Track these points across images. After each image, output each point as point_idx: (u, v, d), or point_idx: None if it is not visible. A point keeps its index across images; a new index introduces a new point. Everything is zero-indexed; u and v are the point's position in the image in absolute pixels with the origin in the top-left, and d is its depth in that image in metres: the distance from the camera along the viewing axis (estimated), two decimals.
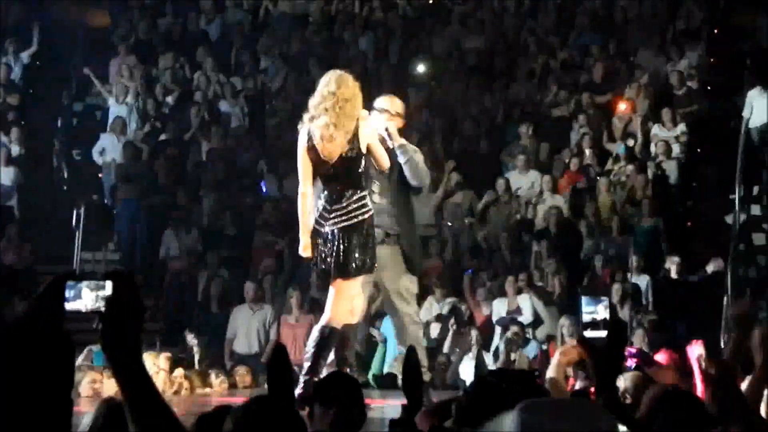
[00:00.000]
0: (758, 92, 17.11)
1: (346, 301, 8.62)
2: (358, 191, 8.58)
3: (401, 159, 9.06)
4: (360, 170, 8.57)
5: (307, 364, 8.61)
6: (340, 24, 20.99)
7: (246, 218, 17.26)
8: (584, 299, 3.95)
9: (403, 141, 9.14)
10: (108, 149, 18.20)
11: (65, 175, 18.97)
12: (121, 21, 21.16)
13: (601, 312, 3.91)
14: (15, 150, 17.74)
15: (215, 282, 15.84)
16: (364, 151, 8.54)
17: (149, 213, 17.30)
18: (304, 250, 8.69)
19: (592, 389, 4.49)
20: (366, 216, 8.58)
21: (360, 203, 8.57)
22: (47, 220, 18.19)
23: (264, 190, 17.85)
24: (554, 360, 5.00)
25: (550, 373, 4.94)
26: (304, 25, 20.96)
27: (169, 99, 19.64)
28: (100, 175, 18.57)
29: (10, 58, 19.12)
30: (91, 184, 18.70)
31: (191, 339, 13.65)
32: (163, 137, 18.86)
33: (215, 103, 19.51)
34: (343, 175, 8.56)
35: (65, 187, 18.90)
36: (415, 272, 9.21)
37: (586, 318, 3.92)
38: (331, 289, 8.66)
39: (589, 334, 3.89)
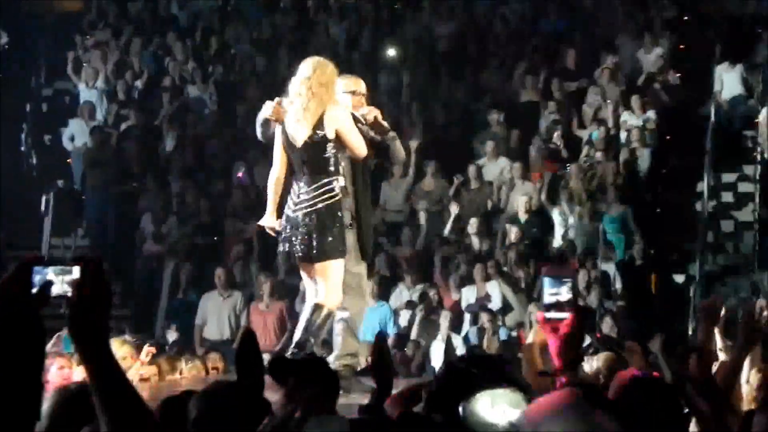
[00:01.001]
0: (726, 66, 17.25)
1: (332, 284, 8.62)
2: (324, 177, 8.59)
3: (392, 147, 9.07)
4: (326, 155, 8.57)
5: (296, 339, 8.61)
6: (312, 9, 20.92)
7: (216, 205, 17.20)
8: (547, 280, 3.94)
9: (390, 129, 9.12)
10: (77, 135, 18.10)
11: (34, 161, 18.87)
12: (91, 5, 21.06)
13: (564, 294, 3.90)
14: None
15: (185, 268, 15.80)
16: (330, 136, 8.55)
17: (118, 199, 17.23)
18: (270, 216, 8.82)
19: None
20: (330, 201, 8.59)
21: (325, 188, 8.59)
22: (16, 206, 18.11)
23: (241, 178, 17.75)
24: (529, 339, 5.01)
25: (525, 354, 4.95)
26: (274, 10, 20.89)
27: (139, 84, 19.55)
28: (69, 160, 18.47)
29: None
30: (60, 169, 18.62)
31: (171, 332, 13.58)
32: (132, 123, 18.75)
33: (185, 89, 19.42)
34: (310, 161, 8.59)
35: (34, 173, 18.80)
36: (366, 258, 9.20)
37: (549, 299, 3.91)
38: (314, 274, 8.71)
39: (551, 315, 3.89)
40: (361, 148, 8.67)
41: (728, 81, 17.28)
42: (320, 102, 8.53)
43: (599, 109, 17.79)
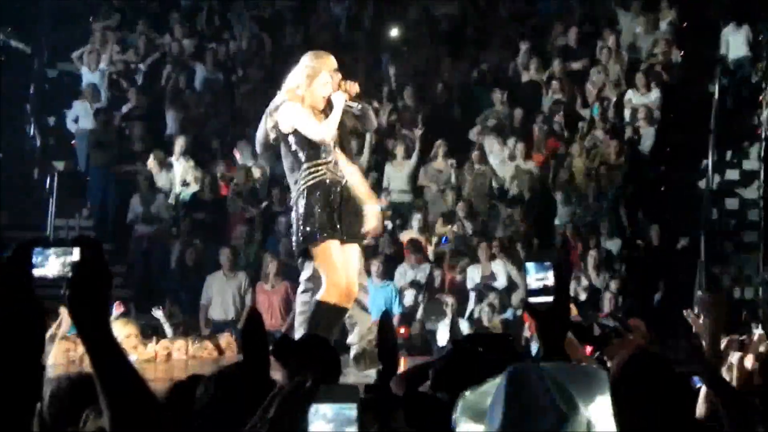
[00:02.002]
0: (733, 28, 17.22)
1: (327, 273, 8.65)
2: (295, 171, 8.80)
3: (368, 116, 9.11)
4: (290, 146, 8.78)
5: (300, 332, 8.65)
6: None
7: (218, 186, 17.16)
8: (529, 265, 3.92)
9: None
10: (81, 116, 18.08)
11: (38, 143, 18.85)
12: None
13: (548, 278, 3.88)
14: None
15: (189, 249, 15.79)
16: (284, 130, 8.74)
17: (121, 180, 17.22)
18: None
19: None
20: (305, 185, 8.69)
21: (304, 173, 8.73)
22: (20, 187, 18.12)
23: (237, 158, 17.73)
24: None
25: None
26: None
27: (141, 66, 19.52)
28: (73, 142, 18.47)
29: None
30: (64, 151, 18.62)
31: (158, 313, 13.54)
32: (134, 104, 18.71)
33: (187, 70, 19.38)
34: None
35: (38, 155, 18.78)
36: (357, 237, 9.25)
37: (532, 285, 3.90)
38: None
39: (534, 299, 3.88)
40: (314, 132, 8.77)
41: (734, 43, 17.26)
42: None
43: (602, 88, 17.75)
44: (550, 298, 3.81)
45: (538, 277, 3.85)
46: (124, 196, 16.97)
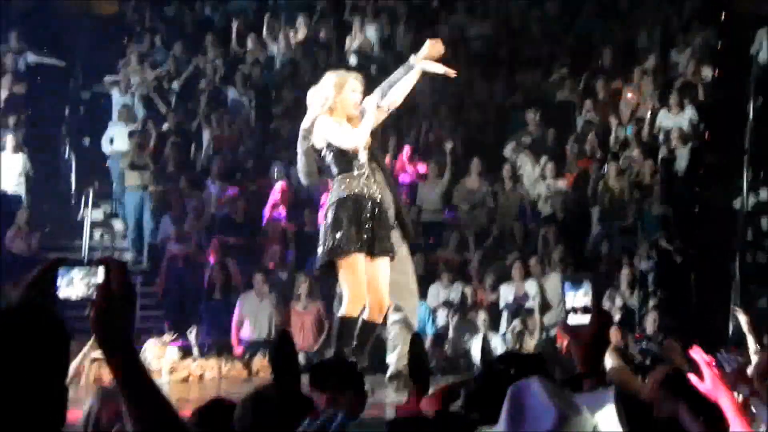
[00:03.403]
0: None
1: (350, 287, 8.64)
2: (337, 176, 8.81)
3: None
4: (326, 161, 8.84)
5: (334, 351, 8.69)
6: (347, 10, 20.92)
7: (253, 206, 17.21)
8: (567, 285, 3.92)
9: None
10: (116, 138, 18.18)
11: (73, 164, 18.95)
12: (128, 9, 21.16)
13: (584, 298, 3.88)
14: (22, 138, 17.72)
15: (219, 269, 15.79)
16: (317, 145, 8.81)
17: (156, 201, 17.28)
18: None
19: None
20: (336, 197, 8.74)
21: (335, 185, 8.81)
22: (55, 208, 18.23)
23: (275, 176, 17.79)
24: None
25: (609, 362, 4.90)
26: (310, 12, 20.89)
27: (175, 85, 19.61)
28: (106, 164, 18.55)
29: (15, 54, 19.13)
30: (99, 172, 18.71)
31: (190, 336, 13.56)
32: (169, 125, 18.80)
33: (221, 91, 19.47)
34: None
35: (73, 175, 18.88)
36: (409, 238, 9.26)
37: (569, 304, 3.89)
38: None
39: (572, 320, 3.87)
40: (342, 138, 8.80)
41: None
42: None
43: (636, 107, 17.71)
44: (585, 319, 3.80)
45: (576, 297, 3.84)
46: (158, 217, 17.05)
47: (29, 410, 2.27)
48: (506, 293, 14.81)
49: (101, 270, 2.50)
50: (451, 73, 9.12)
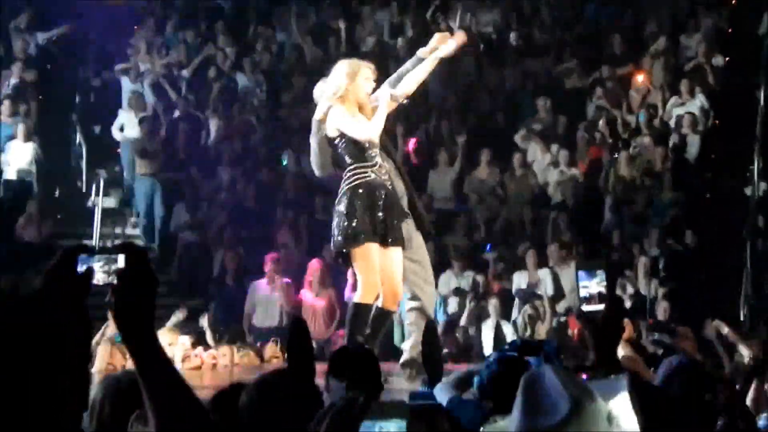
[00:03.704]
0: None
1: (364, 275, 8.65)
2: (350, 165, 8.77)
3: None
4: (339, 151, 8.80)
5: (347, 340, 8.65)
6: None
7: (263, 193, 17.22)
8: (581, 274, 3.92)
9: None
10: (126, 125, 18.19)
11: (83, 151, 18.95)
12: None
13: (598, 286, 3.89)
14: (33, 126, 17.71)
15: (232, 257, 15.80)
16: (330, 135, 8.79)
17: (167, 188, 17.28)
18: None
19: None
20: (348, 186, 8.70)
21: (348, 174, 8.76)
22: (65, 196, 18.24)
23: (284, 162, 17.81)
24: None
25: (621, 352, 4.89)
26: None
27: (185, 73, 19.61)
28: (117, 150, 18.56)
29: (26, 35, 19.12)
30: (109, 159, 18.71)
31: (203, 321, 13.56)
32: (179, 113, 18.81)
33: (232, 78, 19.47)
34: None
35: (83, 163, 18.89)
36: (424, 228, 9.29)
37: (583, 292, 3.90)
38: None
39: (586, 308, 3.88)
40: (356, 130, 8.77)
41: None
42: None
43: (647, 94, 17.68)
44: (599, 306, 3.81)
45: (590, 285, 3.85)
46: (169, 204, 17.06)
47: (53, 395, 2.28)
48: (519, 280, 14.80)
49: (122, 256, 2.51)
50: (463, 40, 9.13)
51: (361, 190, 8.66)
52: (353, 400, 2.59)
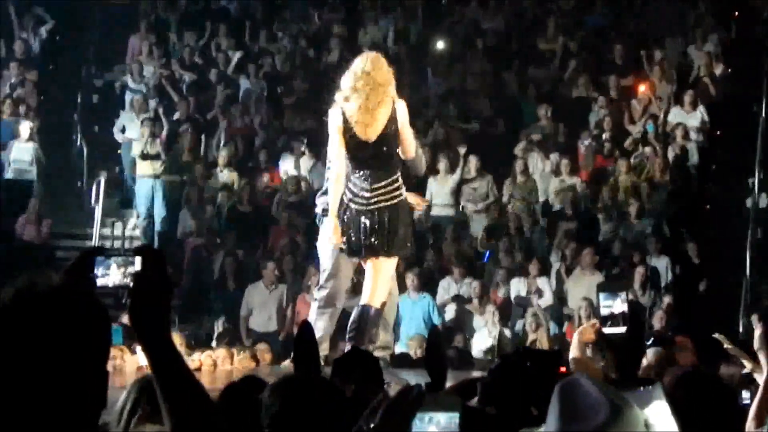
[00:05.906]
0: None
1: (386, 281, 8.63)
2: (396, 171, 8.55)
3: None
4: (397, 150, 8.51)
5: (350, 344, 8.50)
6: (360, 4, 20.92)
7: (263, 197, 17.24)
8: (602, 295, 3.94)
9: None
10: (128, 126, 18.19)
11: (84, 152, 18.96)
12: None
13: (619, 306, 3.90)
14: (34, 126, 17.71)
15: (231, 260, 15.80)
16: (400, 130, 8.45)
17: (167, 190, 17.28)
18: (334, 232, 8.59)
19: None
20: (404, 197, 8.59)
21: (398, 183, 8.55)
22: (65, 196, 18.24)
23: (279, 168, 17.82)
24: (574, 341, 5.01)
25: (572, 353, 4.95)
26: (322, 4, 20.90)
27: (187, 77, 19.61)
28: (118, 151, 18.57)
29: (29, 35, 19.14)
30: (110, 160, 18.72)
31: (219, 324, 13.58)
32: (181, 114, 18.80)
33: (234, 82, 19.48)
34: (381, 155, 8.45)
35: (84, 164, 18.90)
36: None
37: (604, 311, 3.91)
38: (370, 269, 8.65)
39: (608, 330, 3.89)
40: (412, 146, 8.63)
41: None
42: (384, 99, 8.40)
43: (648, 104, 17.71)
44: (622, 329, 3.82)
45: (607, 304, 3.86)
46: (170, 206, 17.06)
47: (71, 393, 2.29)
48: (518, 288, 14.82)
49: (138, 259, 2.52)
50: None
51: (406, 208, 8.73)
52: (408, 391, 2.61)
